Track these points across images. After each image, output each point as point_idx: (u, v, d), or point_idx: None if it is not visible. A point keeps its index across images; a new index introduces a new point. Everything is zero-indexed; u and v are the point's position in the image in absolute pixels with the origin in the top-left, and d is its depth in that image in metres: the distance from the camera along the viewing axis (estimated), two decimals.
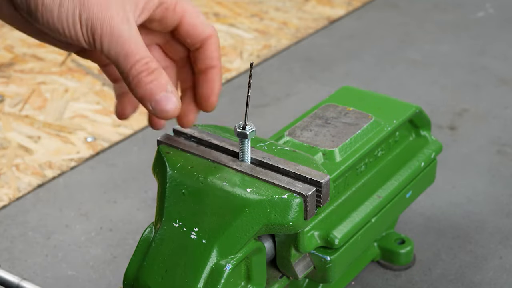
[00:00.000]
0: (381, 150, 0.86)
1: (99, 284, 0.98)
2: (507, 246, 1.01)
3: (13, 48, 1.62)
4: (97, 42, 0.59)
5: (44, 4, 0.58)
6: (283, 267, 0.78)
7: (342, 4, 1.86)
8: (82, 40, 0.59)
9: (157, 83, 0.61)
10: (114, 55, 0.60)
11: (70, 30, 0.59)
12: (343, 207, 0.80)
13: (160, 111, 0.61)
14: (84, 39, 0.59)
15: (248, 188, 0.69)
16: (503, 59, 1.55)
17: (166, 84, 0.61)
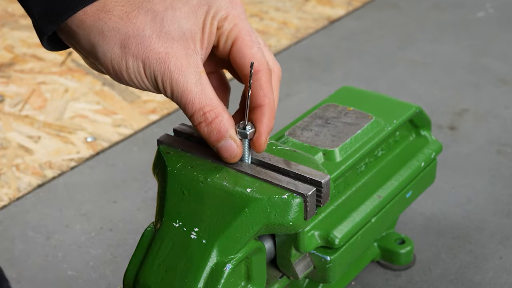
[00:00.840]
0: (381, 150, 0.86)
1: (99, 284, 0.98)
2: (507, 246, 1.01)
3: (13, 48, 1.62)
4: (163, 91, 0.64)
5: (114, 68, 0.63)
6: (284, 267, 0.78)
7: (342, 4, 1.86)
8: (152, 90, 0.64)
9: (216, 132, 0.65)
10: (178, 102, 0.64)
11: (140, 84, 0.64)
12: (344, 207, 0.80)
13: (221, 157, 0.68)
14: (154, 89, 0.64)
15: (248, 188, 0.69)
16: (503, 59, 1.55)
17: (225, 132, 0.65)
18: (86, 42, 0.62)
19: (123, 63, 0.62)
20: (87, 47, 0.63)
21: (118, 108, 1.38)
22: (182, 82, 0.63)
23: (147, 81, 0.63)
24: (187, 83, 0.63)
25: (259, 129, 0.67)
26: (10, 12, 1.80)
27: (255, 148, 0.69)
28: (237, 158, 0.68)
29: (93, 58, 0.64)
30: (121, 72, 0.63)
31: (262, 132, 0.67)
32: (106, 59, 0.62)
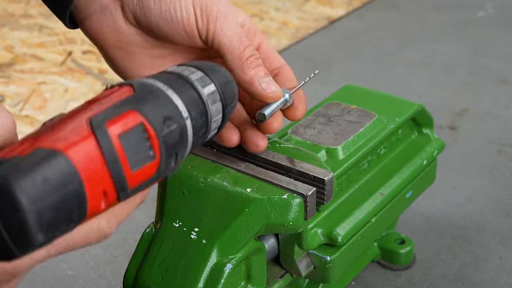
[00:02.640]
0: (383, 148, 0.86)
1: (99, 284, 0.98)
2: (507, 246, 1.01)
3: (13, 48, 1.62)
4: (211, 24, 0.64)
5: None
6: (287, 264, 0.78)
7: (342, 4, 1.86)
8: (194, 24, 0.64)
9: (263, 67, 0.66)
10: (228, 37, 0.64)
11: (183, 13, 0.63)
12: (346, 204, 0.80)
13: (270, 91, 0.66)
14: (197, 21, 0.64)
15: (248, 188, 0.69)
16: (503, 59, 1.55)
17: (267, 72, 0.66)
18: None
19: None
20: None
21: None
22: (234, 18, 0.65)
23: (191, 9, 0.63)
24: (238, 22, 0.65)
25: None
26: (10, 12, 1.80)
27: (295, 114, 0.69)
28: (279, 96, 0.67)
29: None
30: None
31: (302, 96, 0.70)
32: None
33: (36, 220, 0.43)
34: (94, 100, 0.51)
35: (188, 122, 0.53)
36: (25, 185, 0.43)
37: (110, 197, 0.48)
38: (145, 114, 0.49)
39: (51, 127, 0.47)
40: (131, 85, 0.52)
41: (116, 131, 0.48)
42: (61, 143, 0.46)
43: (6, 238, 0.43)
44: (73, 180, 0.45)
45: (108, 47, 0.67)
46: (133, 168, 0.49)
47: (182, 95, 0.53)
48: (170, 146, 0.51)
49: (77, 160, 0.45)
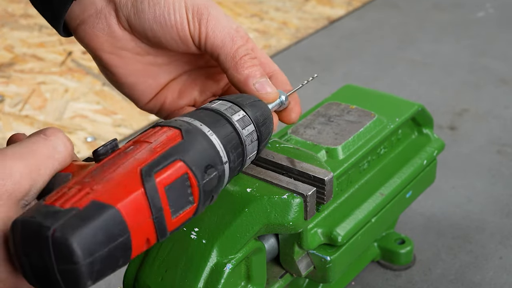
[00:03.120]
0: (383, 148, 0.86)
1: (99, 284, 0.97)
2: (507, 246, 1.01)
3: (13, 48, 1.62)
4: (202, 27, 0.64)
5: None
6: (287, 264, 0.78)
7: (342, 4, 1.86)
8: (187, 28, 0.64)
9: (259, 67, 0.66)
10: (219, 38, 0.64)
11: (176, 17, 0.63)
12: (346, 204, 0.80)
13: (265, 91, 0.66)
14: (189, 25, 0.64)
15: (248, 188, 0.69)
16: (503, 59, 1.55)
17: (264, 72, 0.66)
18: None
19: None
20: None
21: (118, 108, 1.38)
22: (227, 19, 0.65)
23: (184, 12, 0.63)
24: (228, 22, 0.65)
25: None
26: (10, 12, 1.80)
27: (290, 116, 0.70)
28: (274, 98, 0.67)
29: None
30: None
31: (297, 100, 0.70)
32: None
33: (88, 271, 0.48)
34: (145, 142, 0.54)
35: (227, 166, 0.58)
36: (82, 241, 0.47)
37: (151, 242, 0.52)
38: (190, 164, 0.54)
39: (104, 175, 0.51)
40: (180, 130, 0.55)
41: (163, 182, 0.52)
42: (114, 197, 0.49)
43: (60, 282, 0.48)
44: (123, 233, 0.49)
45: (102, 53, 0.66)
46: (174, 214, 0.53)
47: (224, 140, 0.58)
48: (209, 191, 0.56)
49: (127, 214, 0.49)
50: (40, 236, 0.47)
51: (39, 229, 0.47)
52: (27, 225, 0.48)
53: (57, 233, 0.47)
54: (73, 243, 0.47)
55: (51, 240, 0.47)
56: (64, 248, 0.47)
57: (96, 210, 0.48)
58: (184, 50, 0.66)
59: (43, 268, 0.48)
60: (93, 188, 0.50)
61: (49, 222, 0.47)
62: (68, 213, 0.48)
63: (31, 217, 0.48)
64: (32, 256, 0.48)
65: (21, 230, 0.48)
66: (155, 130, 0.57)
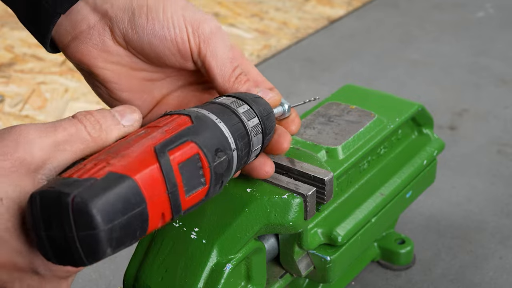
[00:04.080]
0: (383, 148, 0.86)
1: (99, 284, 0.98)
2: (507, 246, 1.01)
3: (13, 48, 1.62)
4: (202, 45, 0.64)
5: (149, 6, 0.63)
6: (287, 264, 0.78)
7: (342, 4, 1.86)
8: (187, 42, 0.63)
9: (252, 81, 0.66)
10: (219, 59, 0.64)
11: (176, 31, 0.63)
12: (346, 204, 0.80)
13: (269, 97, 0.66)
14: (189, 40, 0.63)
15: (248, 188, 0.69)
16: (503, 59, 1.55)
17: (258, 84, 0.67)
18: None
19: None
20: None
21: None
22: (225, 34, 0.65)
23: (183, 25, 0.63)
24: (225, 41, 0.65)
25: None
26: (10, 12, 1.80)
27: (290, 128, 0.68)
28: (278, 100, 0.67)
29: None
30: (156, 10, 0.63)
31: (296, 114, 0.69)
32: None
33: (107, 238, 0.49)
34: (156, 126, 0.56)
35: (235, 153, 0.59)
36: (101, 207, 0.48)
37: (166, 218, 0.54)
38: (201, 145, 0.55)
39: (120, 151, 0.52)
40: (189, 116, 0.57)
41: (177, 159, 0.54)
42: (131, 169, 0.51)
43: (79, 250, 0.49)
44: (140, 203, 0.51)
45: (96, 68, 0.65)
46: (187, 193, 0.54)
47: (231, 128, 0.59)
48: (219, 175, 0.57)
49: (144, 185, 0.51)
50: (60, 203, 0.48)
51: (59, 196, 0.48)
52: (46, 194, 0.49)
53: (77, 199, 0.48)
54: (93, 208, 0.48)
55: (71, 206, 0.48)
56: (85, 213, 0.48)
57: (113, 180, 0.50)
58: (181, 65, 0.65)
59: (62, 238, 0.49)
60: (110, 162, 0.51)
61: (69, 189, 0.48)
62: (87, 182, 0.49)
63: (49, 187, 0.49)
64: (51, 226, 0.49)
65: (40, 201, 0.49)
66: (165, 118, 0.58)
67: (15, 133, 0.52)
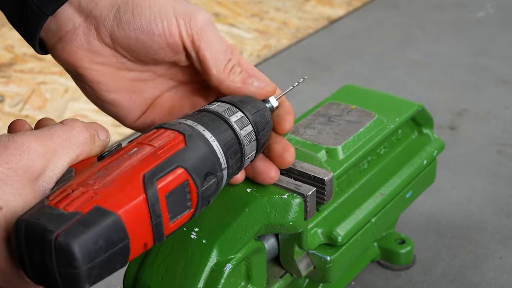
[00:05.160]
0: (383, 148, 0.86)
1: (99, 284, 0.97)
2: (507, 246, 1.01)
3: (13, 48, 1.62)
4: (195, 36, 0.63)
5: (134, 2, 0.62)
6: (287, 264, 0.78)
7: (342, 4, 1.86)
8: (177, 34, 0.63)
9: (246, 73, 0.65)
10: (213, 50, 0.63)
11: (164, 25, 0.62)
12: (346, 204, 0.80)
13: (264, 85, 0.66)
14: (180, 30, 0.63)
15: (248, 188, 0.69)
16: (503, 59, 1.55)
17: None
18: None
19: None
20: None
21: None
22: (215, 34, 0.64)
23: (173, 19, 0.62)
24: (217, 32, 0.65)
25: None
26: None
27: (284, 126, 0.67)
28: (274, 88, 0.67)
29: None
30: (141, 5, 0.62)
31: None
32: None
33: (87, 276, 0.50)
34: (149, 145, 0.56)
35: (225, 172, 0.59)
36: (83, 247, 0.48)
37: (148, 246, 0.54)
38: (190, 172, 0.55)
39: (108, 176, 0.52)
40: (183, 136, 0.57)
41: (164, 189, 0.53)
42: (117, 202, 0.51)
43: (58, 282, 0.49)
44: (123, 239, 0.51)
45: (82, 69, 0.65)
46: (171, 220, 0.54)
47: (224, 147, 0.59)
48: (206, 197, 0.57)
49: (128, 220, 0.51)
50: (43, 239, 0.48)
51: (43, 232, 0.48)
52: (31, 226, 0.49)
53: (60, 238, 0.48)
54: (75, 249, 0.48)
55: (53, 244, 0.48)
56: (66, 253, 0.48)
57: (98, 216, 0.50)
58: (171, 59, 0.65)
59: (44, 268, 0.49)
60: (96, 192, 0.51)
61: (53, 226, 0.48)
62: (72, 217, 0.49)
63: (35, 218, 0.49)
64: (33, 255, 0.49)
65: (25, 230, 0.49)
66: (159, 133, 0.57)
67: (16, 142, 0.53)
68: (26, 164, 0.53)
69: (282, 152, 0.66)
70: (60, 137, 0.55)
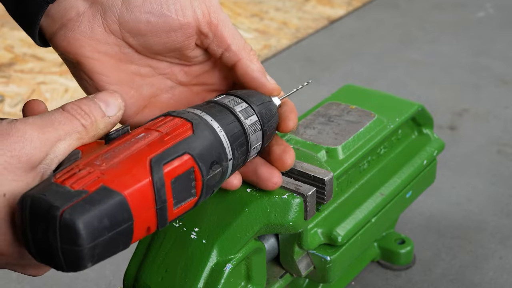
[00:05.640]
0: (383, 148, 0.86)
1: (99, 284, 0.98)
2: (507, 246, 1.01)
3: (13, 48, 1.62)
4: (213, 13, 0.63)
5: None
6: (287, 264, 0.78)
7: (342, 4, 1.86)
8: (192, 15, 0.62)
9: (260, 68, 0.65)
10: (231, 30, 0.63)
11: (177, 6, 0.62)
12: (346, 204, 0.80)
13: (273, 82, 0.66)
14: (195, 11, 0.62)
15: (248, 188, 0.69)
16: (503, 59, 1.55)
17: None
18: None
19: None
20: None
21: None
22: (228, 18, 0.64)
23: (190, 6, 0.62)
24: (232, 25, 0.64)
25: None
26: None
27: (288, 125, 0.66)
28: (279, 90, 0.66)
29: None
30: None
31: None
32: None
33: (90, 254, 0.49)
34: (156, 130, 0.56)
35: (230, 163, 0.59)
36: (88, 225, 0.48)
37: (151, 230, 0.54)
38: (197, 159, 0.55)
39: (115, 158, 0.52)
40: (191, 123, 0.57)
41: (170, 175, 0.53)
42: (123, 183, 0.51)
43: (61, 259, 0.49)
44: (127, 220, 0.51)
45: (83, 57, 0.63)
46: (175, 206, 0.54)
47: (231, 138, 0.59)
48: (211, 186, 0.57)
49: (133, 202, 0.51)
50: (49, 214, 0.48)
51: (49, 207, 0.49)
52: (37, 201, 0.49)
53: (65, 215, 0.48)
54: (80, 226, 0.48)
55: (58, 220, 0.48)
56: (71, 230, 0.48)
57: (104, 195, 0.50)
58: (181, 43, 0.64)
59: (47, 244, 0.49)
60: (103, 172, 0.51)
61: (59, 203, 0.49)
62: (78, 195, 0.49)
63: (41, 194, 0.50)
64: (37, 231, 0.49)
65: (30, 206, 0.49)
66: (167, 120, 0.57)
67: (19, 129, 0.53)
68: (29, 151, 0.53)
69: (281, 154, 0.65)
70: (61, 123, 0.55)
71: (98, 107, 0.58)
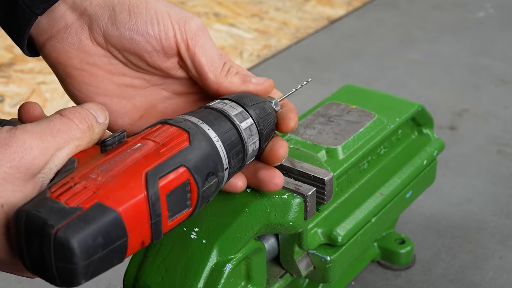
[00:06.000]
0: (383, 148, 0.86)
1: (99, 284, 0.98)
2: (507, 246, 1.01)
3: (13, 48, 1.62)
4: (190, 41, 0.62)
5: (131, 3, 0.62)
6: (287, 264, 0.78)
7: (342, 4, 1.86)
8: (172, 38, 0.62)
9: (242, 73, 0.65)
10: (208, 56, 0.63)
11: (160, 27, 0.62)
12: (346, 204, 0.80)
13: (262, 82, 0.65)
14: (175, 34, 0.62)
15: (248, 188, 0.69)
16: (503, 59, 1.55)
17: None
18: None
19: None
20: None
21: None
22: (209, 40, 0.64)
23: (169, 22, 0.62)
24: (211, 39, 0.64)
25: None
26: None
27: (288, 125, 0.65)
28: (272, 84, 0.66)
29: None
30: (138, 7, 0.62)
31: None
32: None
33: (84, 271, 0.49)
34: (153, 141, 0.55)
35: (226, 172, 0.59)
36: (82, 244, 0.48)
37: (145, 244, 0.53)
38: (193, 171, 0.55)
39: (111, 170, 0.52)
40: (188, 133, 0.56)
41: (166, 188, 0.53)
42: (118, 199, 0.51)
43: (55, 275, 0.49)
44: (121, 238, 0.51)
45: (72, 69, 0.63)
46: (170, 218, 0.54)
47: (228, 147, 0.58)
48: (206, 196, 0.57)
49: (128, 218, 0.51)
50: (43, 232, 0.48)
51: (43, 225, 0.48)
52: (32, 217, 0.49)
53: (60, 233, 0.48)
54: (74, 245, 0.48)
55: (53, 238, 0.48)
56: (65, 248, 0.48)
57: (99, 212, 0.50)
58: (163, 64, 0.64)
59: (41, 260, 0.49)
60: (98, 186, 0.51)
61: (54, 220, 0.48)
62: (72, 213, 0.49)
63: (36, 210, 0.49)
64: (32, 246, 0.50)
65: (25, 221, 0.49)
66: (164, 129, 0.57)
67: (18, 139, 0.53)
68: (28, 161, 0.53)
69: (272, 145, 0.64)
70: (60, 130, 0.55)
71: (90, 113, 0.58)
